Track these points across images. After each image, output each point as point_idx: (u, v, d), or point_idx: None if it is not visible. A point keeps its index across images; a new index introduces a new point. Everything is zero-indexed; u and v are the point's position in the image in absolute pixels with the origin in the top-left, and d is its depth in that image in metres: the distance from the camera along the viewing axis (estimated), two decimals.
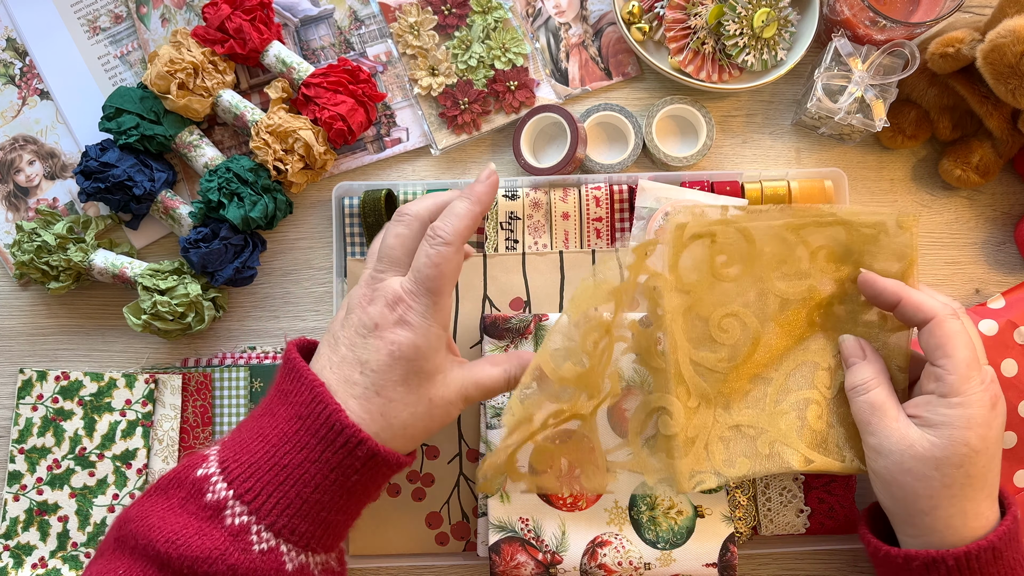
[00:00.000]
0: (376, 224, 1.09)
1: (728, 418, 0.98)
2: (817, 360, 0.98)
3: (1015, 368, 1.06)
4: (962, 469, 0.85)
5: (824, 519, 1.05)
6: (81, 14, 1.15)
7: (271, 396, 0.88)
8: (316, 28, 1.15)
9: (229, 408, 1.08)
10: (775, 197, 1.09)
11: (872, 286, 0.95)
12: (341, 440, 0.82)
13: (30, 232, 1.07)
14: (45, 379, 1.08)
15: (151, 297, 1.05)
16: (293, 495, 0.81)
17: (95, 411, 1.08)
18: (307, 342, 0.94)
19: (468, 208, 0.88)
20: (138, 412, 1.08)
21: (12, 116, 1.14)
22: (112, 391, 1.08)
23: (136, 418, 1.08)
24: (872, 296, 0.96)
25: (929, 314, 0.90)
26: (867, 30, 1.07)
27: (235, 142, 1.14)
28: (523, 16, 1.16)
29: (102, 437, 1.08)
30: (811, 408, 0.97)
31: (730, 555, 0.99)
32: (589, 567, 0.98)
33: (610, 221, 1.10)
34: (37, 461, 1.07)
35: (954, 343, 0.88)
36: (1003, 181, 1.16)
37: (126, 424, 1.08)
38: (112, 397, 1.08)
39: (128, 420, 1.08)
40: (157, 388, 1.09)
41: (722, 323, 0.97)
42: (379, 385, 0.85)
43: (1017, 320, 1.08)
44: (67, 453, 1.07)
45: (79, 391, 1.08)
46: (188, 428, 1.08)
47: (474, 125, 1.14)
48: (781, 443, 0.96)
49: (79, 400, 1.08)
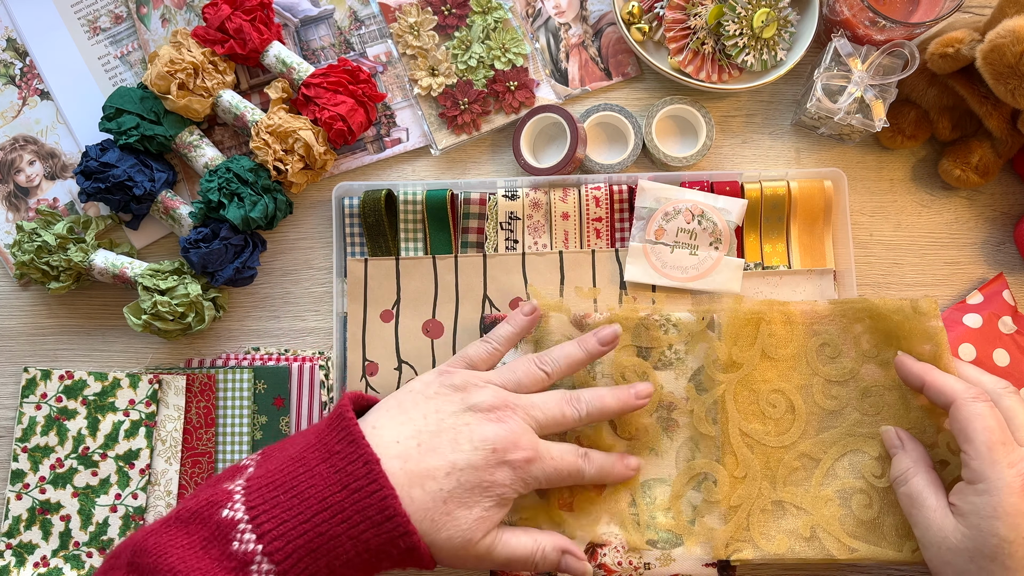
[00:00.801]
0: (376, 224, 1.09)
1: (773, 492, 1.00)
2: (866, 449, 1.00)
3: (1007, 357, 1.07)
4: (997, 561, 0.81)
5: None
6: (81, 14, 1.15)
7: (310, 445, 0.87)
8: (316, 28, 1.15)
9: (233, 410, 1.08)
10: (775, 197, 1.09)
11: (901, 369, 0.96)
12: (389, 526, 0.81)
13: (30, 232, 1.08)
14: (49, 378, 1.09)
15: (151, 297, 1.05)
16: (323, 565, 0.81)
17: (99, 411, 1.08)
18: (363, 398, 0.94)
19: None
20: (142, 412, 1.08)
21: (12, 116, 1.15)
22: (116, 391, 1.09)
23: (140, 418, 1.08)
24: (904, 380, 0.96)
25: (950, 397, 0.89)
26: (867, 30, 1.07)
27: (235, 142, 1.14)
28: (523, 16, 1.16)
29: (105, 437, 1.08)
30: (857, 497, 0.99)
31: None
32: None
33: (610, 221, 1.10)
34: (40, 460, 1.08)
35: (974, 426, 0.85)
36: (1002, 181, 1.16)
37: (129, 424, 1.08)
38: (116, 397, 1.09)
39: (131, 420, 1.08)
40: (161, 388, 1.09)
41: (770, 398, 1.01)
42: (457, 497, 0.85)
43: (998, 311, 1.09)
44: (70, 452, 1.08)
45: (83, 390, 1.09)
46: (191, 429, 1.08)
47: (474, 125, 1.14)
48: (823, 529, 0.98)
49: (83, 399, 1.08)
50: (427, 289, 1.09)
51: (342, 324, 1.10)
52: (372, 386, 1.07)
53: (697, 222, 1.07)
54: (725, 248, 1.08)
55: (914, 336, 0.98)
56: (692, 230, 1.07)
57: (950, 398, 0.89)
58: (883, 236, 1.14)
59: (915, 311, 0.98)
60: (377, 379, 1.08)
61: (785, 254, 1.10)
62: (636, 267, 1.08)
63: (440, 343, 1.08)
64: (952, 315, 1.10)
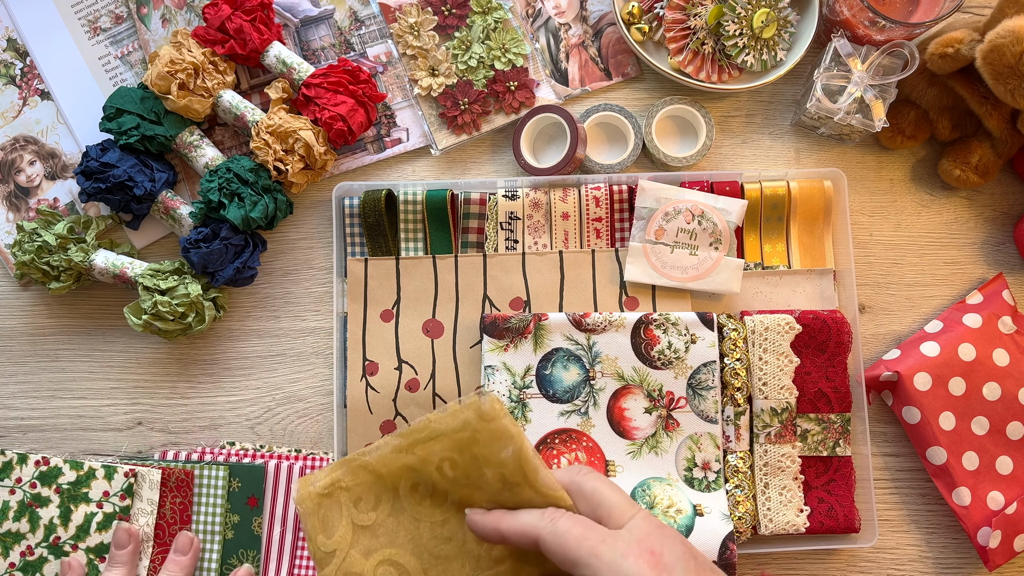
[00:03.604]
0: (376, 224, 1.09)
1: None
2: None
3: (1007, 357, 1.07)
4: None
5: (824, 518, 1.05)
6: (82, 15, 1.15)
7: None
8: (316, 28, 1.16)
9: (206, 507, 1.06)
10: (774, 197, 1.09)
11: (475, 529, 0.83)
12: None
13: (31, 232, 1.08)
14: (25, 463, 1.06)
15: (152, 297, 1.05)
16: None
17: (72, 500, 1.05)
18: None
19: None
20: (115, 505, 1.06)
21: (13, 116, 1.15)
22: (91, 481, 1.06)
23: (113, 511, 1.05)
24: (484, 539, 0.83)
25: (533, 536, 0.79)
26: (866, 30, 1.07)
27: (235, 142, 1.14)
28: (523, 16, 1.16)
29: (77, 528, 1.05)
30: None
31: (729, 553, 0.99)
32: None
33: (610, 221, 1.10)
34: (11, 546, 1.05)
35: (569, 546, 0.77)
36: (1002, 181, 1.16)
37: (102, 516, 1.05)
38: (90, 487, 1.06)
39: (105, 512, 1.05)
40: (136, 482, 1.06)
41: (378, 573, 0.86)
42: None
43: (998, 311, 1.09)
44: (41, 540, 1.05)
45: (57, 478, 1.06)
46: (164, 524, 1.06)
47: (474, 125, 1.14)
48: None
49: (56, 487, 1.06)
50: (427, 289, 1.09)
51: (342, 324, 1.10)
52: (372, 386, 1.08)
53: (697, 222, 1.07)
54: (725, 248, 1.08)
55: (490, 445, 0.81)
56: (692, 230, 1.08)
57: (533, 537, 0.78)
58: (883, 236, 1.15)
59: (480, 418, 0.81)
60: (377, 379, 1.08)
61: (785, 254, 1.11)
62: (636, 267, 1.08)
63: (440, 343, 1.08)
64: (952, 315, 1.10)
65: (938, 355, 1.07)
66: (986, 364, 1.07)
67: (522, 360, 1.05)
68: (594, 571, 0.76)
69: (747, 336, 1.06)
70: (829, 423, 1.06)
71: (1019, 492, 1.07)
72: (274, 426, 1.11)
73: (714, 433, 1.04)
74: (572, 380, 1.04)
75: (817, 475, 1.06)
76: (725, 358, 1.05)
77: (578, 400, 1.04)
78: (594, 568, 0.76)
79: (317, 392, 1.12)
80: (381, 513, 0.86)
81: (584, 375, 1.04)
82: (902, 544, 1.10)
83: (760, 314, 1.07)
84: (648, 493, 1.02)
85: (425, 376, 1.08)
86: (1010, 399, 1.07)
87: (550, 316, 1.05)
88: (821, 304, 1.10)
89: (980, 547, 1.05)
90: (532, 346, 1.04)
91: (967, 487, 1.06)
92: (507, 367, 1.05)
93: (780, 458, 1.04)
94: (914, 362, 1.07)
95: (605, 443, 1.04)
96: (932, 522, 1.11)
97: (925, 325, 1.13)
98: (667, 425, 1.03)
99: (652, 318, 1.05)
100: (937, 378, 1.06)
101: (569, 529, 0.77)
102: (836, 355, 1.06)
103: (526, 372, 1.05)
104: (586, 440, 1.03)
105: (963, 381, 1.06)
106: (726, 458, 1.05)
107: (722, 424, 1.05)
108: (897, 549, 1.10)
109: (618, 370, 1.04)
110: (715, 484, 1.04)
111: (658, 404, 1.03)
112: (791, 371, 1.05)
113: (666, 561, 0.76)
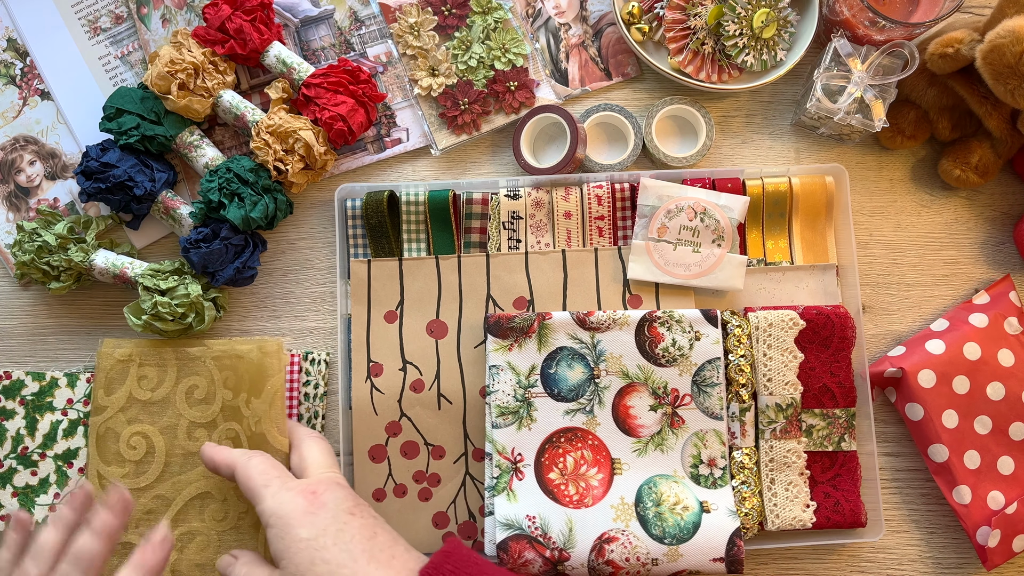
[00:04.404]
0: (379, 225, 1.09)
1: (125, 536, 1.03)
2: (212, 491, 1.05)
3: (1012, 358, 1.07)
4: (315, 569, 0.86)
5: (830, 513, 1.05)
6: (82, 14, 1.15)
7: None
8: (316, 29, 1.15)
9: None
10: (776, 193, 1.10)
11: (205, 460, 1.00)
12: None
13: (31, 232, 1.07)
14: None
15: (152, 298, 1.04)
16: None
17: (36, 410, 1.08)
18: None
19: None
20: (80, 411, 1.08)
21: (13, 116, 1.14)
22: (54, 391, 1.09)
23: (77, 417, 1.08)
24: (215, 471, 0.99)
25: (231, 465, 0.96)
26: (866, 30, 1.07)
27: (236, 142, 1.14)
28: (523, 16, 1.16)
29: (44, 436, 1.08)
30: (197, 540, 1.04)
31: (736, 549, 0.99)
32: (596, 563, 0.98)
33: (612, 219, 1.10)
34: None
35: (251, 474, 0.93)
36: (1002, 181, 1.16)
37: (67, 424, 1.08)
38: (54, 397, 1.08)
39: (69, 419, 1.08)
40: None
41: (131, 440, 1.05)
42: None
43: (1005, 312, 1.09)
44: (9, 452, 1.07)
45: (20, 391, 1.09)
46: None
47: (474, 125, 1.14)
48: None
49: (20, 399, 1.08)
50: (430, 289, 1.09)
51: (346, 326, 1.10)
52: (377, 387, 1.07)
53: (699, 219, 1.08)
54: (728, 245, 1.08)
55: (261, 375, 1.06)
56: (695, 227, 1.08)
57: (232, 466, 0.95)
58: (883, 236, 1.15)
59: (261, 351, 1.06)
60: (382, 380, 1.07)
61: (788, 250, 1.11)
62: (639, 265, 1.08)
63: (444, 343, 1.08)
64: (958, 314, 1.10)
65: (943, 353, 1.07)
66: (991, 364, 1.07)
67: (526, 359, 1.05)
68: (260, 499, 0.90)
69: (751, 332, 1.06)
70: (834, 418, 1.06)
71: (1020, 492, 1.07)
72: None
73: (719, 430, 1.04)
74: (577, 379, 1.04)
75: (823, 470, 1.06)
76: (729, 355, 1.05)
77: (583, 399, 1.04)
78: (261, 496, 0.90)
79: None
80: (156, 395, 1.06)
81: (589, 373, 1.04)
82: (902, 544, 1.11)
83: (764, 310, 1.07)
84: (654, 491, 1.02)
85: (430, 377, 1.08)
86: (1014, 399, 1.07)
87: (554, 315, 1.05)
88: (824, 299, 1.10)
89: (979, 546, 1.06)
90: (536, 345, 1.04)
91: (968, 486, 1.06)
92: (512, 367, 1.05)
93: (786, 454, 1.04)
94: (919, 359, 1.07)
95: (611, 441, 1.04)
96: (932, 522, 1.11)
97: (926, 325, 1.13)
98: (672, 422, 1.03)
99: (656, 316, 1.05)
100: (941, 376, 1.06)
101: (257, 464, 0.94)
102: (840, 350, 1.06)
103: (531, 371, 1.05)
104: (592, 438, 1.03)
105: (967, 380, 1.06)
106: (732, 454, 1.05)
107: (727, 420, 1.05)
108: (897, 549, 1.10)
109: (623, 368, 1.04)
110: (721, 481, 1.04)
111: (663, 401, 1.04)
112: (795, 367, 1.05)
113: (323, 499, 0.89)
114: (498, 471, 1.03)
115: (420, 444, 1.07)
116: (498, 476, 1.03)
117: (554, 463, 1.03)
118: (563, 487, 1.02)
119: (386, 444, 1.07)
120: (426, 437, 1.07)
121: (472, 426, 1.07)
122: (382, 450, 1.07)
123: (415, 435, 1.07)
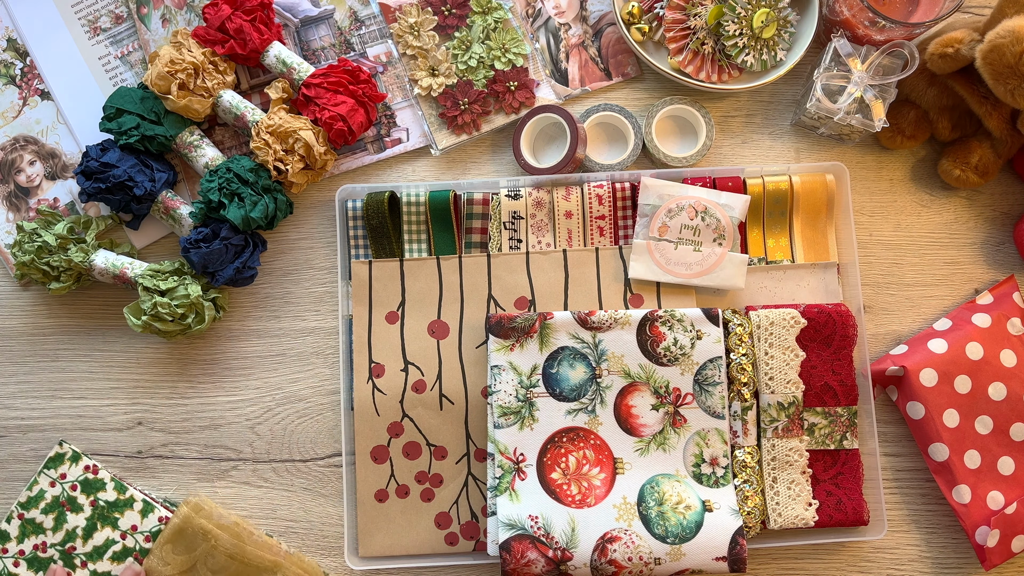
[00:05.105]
0: (380, 226, 1.09)
1: None
2: None
3: (1014, 358, 1.08)
4: None
5: (832, 512, 1.05)
6: (82, 15, 1.14)
7: None
8: (316, 29, 1.15)
9: None
10: (777, 192, 1.10)
11: None
12: None
13: (31, 232, 1.07)
14: (76, 462, 1.07)
15: (152, 298, 1.04)
16: None
17: (101, 519, 1.06)
18: None
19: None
20: (138, 543, 1.06)
21: (13, 116, 1.14)
22: (126, 509, 1.07)
23: (133, 546, 1.06)
24: None
25: None
26: (866, 30, 1.07)
27: (236, 142, 1.14)
28: (523, 16, 1.16)
29: (94, 547, 1.06)
30: None
31: (739, 548, 0.99)
32: (599, 563, 0.98)
33: (613, 219, 1.10)
34: (29, 534, 1.06)
35: None
36: (1002, 181, 1.16)
37: (121, 548, 1.06)
38: (123, 515, 1.06)
39: (125, 545, 1.06)
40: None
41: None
42: None
43: (1008, 312, 1.09)
44: (57, 543, 1.06)
45: (98, 491, 1.07)
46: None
47: (474, 125, 1.14)
48: None
49: (93, 500, 1.06)
50: (432, 290, 1.09)
51: (347, 327, 1.10)
52: (379, 387, 1.07)
53: (700, 218, 1.08)
54: (729, 244, 1.08)
55: None
56: (696, 226, 1.08)
57: None
58: (883, 236, 1.15)
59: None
60: (383, 380, 1.07)
61: (788, 248, 1.11)
62: (640, 264, 1.08)
63: (446, 343, 1.08)
64: (961, 314, 1.11)
65: (945, 352, 1.07)
66: (993, 364, 1.07)
67: (528, 359, 1.05)
68: None
69: (752, 331, 1.06)
70: (836, 416, 1.06)
71: (1019, 493, 1.07)
72: (274, 426, 1.11)
73: (721, 429, 1.04)
74: (579, 378, 1.04)
75: (825, 468, 1.06)
76: (731, 353, 1.05)
77: (585, 398, 1.04)
78: None
79: (317, 392, 1.12)
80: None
81: (591, 373, 1.04)
82: (902, 544, 1.11)
83: (765, 309, 1.07)
84: (657, 490, 1.02)
85: (431, 377, 1.08)
86: (1015, 400, 1.07)
87: (555, 315, 1.05)
88: (825, 298, 1.10)
89: (978, 546, 1.06)
90: (538, 345, 1.04)
91: (967, 485, 1.06)
92: (513, 367, 1.05)
93: (788, 452, 1.05)
94: (921, 358, 1.07)
95: (613, 441, 1.04)
96: (932, 522, 1.11)
97: (925, 325, 1.13)
98: (674, 421, 1.03)
99: (657, 315, 1.05)
100: (943, 375, 1.06)
101: None
102: (842, 348, 1.06)
103: (532, 371, 1.05)
104: (594, 438, 1.03)
105: (969, 380, 1.07)
106: (734, 453, 1.05)
107: (729, 419, 1.05)
108: (897, 549, 1.10)
109: (624, 367, 1.04)
110: (723, 479, 1.04)
111: (665, 401, 1.04)
112: (797, 365, 1.06)
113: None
114: (500, 471, 1.03)
115: (422, 444, 1.07)
116: (500, 476, 1.03)
117: (556, 463, 1.03)
118: (565, 487, 1.02)
119: (388, 445, 1.07)
120: (428, 437, 1.07)
121: (474, 426, 1.07)
122: (384, 451, 1.07)
123: (417, 436, 1.07)
